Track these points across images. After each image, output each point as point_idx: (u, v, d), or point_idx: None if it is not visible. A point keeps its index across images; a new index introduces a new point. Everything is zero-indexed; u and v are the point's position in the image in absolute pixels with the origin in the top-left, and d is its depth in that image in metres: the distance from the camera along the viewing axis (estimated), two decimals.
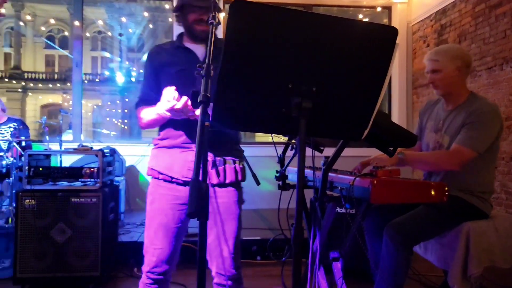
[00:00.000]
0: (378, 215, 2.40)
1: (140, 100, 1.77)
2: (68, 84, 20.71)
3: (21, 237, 2.88)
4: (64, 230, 2.91)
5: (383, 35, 1.12)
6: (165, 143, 1.70)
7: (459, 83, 2.30)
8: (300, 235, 1.08)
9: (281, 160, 1.96)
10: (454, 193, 2.13)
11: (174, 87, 1.46)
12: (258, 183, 1.82)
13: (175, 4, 1.76)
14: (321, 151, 1.82)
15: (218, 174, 1.63)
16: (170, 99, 1.44)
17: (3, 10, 1.67)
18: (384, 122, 1.61)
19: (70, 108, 5.37)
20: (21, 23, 20.12)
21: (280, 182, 1.94)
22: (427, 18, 5.30)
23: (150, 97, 1.63)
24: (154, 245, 1.67)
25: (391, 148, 1.73)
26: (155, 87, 1.70)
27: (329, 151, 1.71)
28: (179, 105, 1.43)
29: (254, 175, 1.83)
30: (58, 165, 4.50)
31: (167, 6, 5.79)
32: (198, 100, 1.10)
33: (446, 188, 1.74)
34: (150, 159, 1.74)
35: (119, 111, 18.01)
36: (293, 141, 1.90)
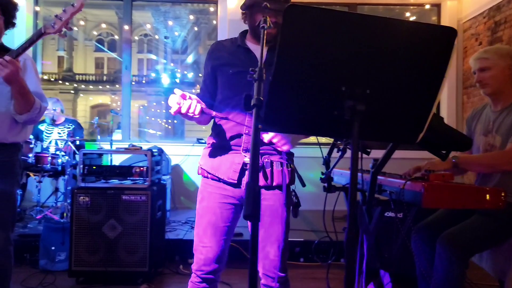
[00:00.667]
0: (427, 224, 2.33)
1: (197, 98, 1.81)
2: (117, 86, 21.57)
3: (76, 232, 3.03)
4: (115, 226, 3.04)
5: (441, 37, 1.09)
6: (215, 144, 1.73)
7: (509, 82, 2.20)
8: (353, 239, 1.07)
9: (326, 161, 1.94)
10: (511, 199, 2.03)
11: (180, 91, 1.48)
12: (303, 184, 1.82)
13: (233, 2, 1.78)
14: (368, 153, 1.79)
15: (265, 177, 1.64)
16: (174, 104, 1.46)
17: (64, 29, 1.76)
18: (438, 125, 1.57)
19: (118, 109, 5.60)
20: (75, 28, 21.18)
21: (326, 184, 1.92)
22: (480, 15, 5.07)
23: (203, 99, 1.67)
24: (203, 243, 1.69)
25: (444, 152, 1.67)
26: (212, 86, 1.74)
27: (375, 153, 1.68)
28: (183, 109, 1.45)
29: (299, 177, 1.83)
30: (109, 163, 4.71)
31: (211, 9, 5.89)
32: (251, 104, 1.11)
33: (502, 194, 1.66)
34: (201, 158, 1.78)
35: (164, 111, 18.53)
36: (339, 142, 1.88)
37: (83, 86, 23.40)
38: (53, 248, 3.33)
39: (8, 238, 2.07)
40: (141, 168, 3.19)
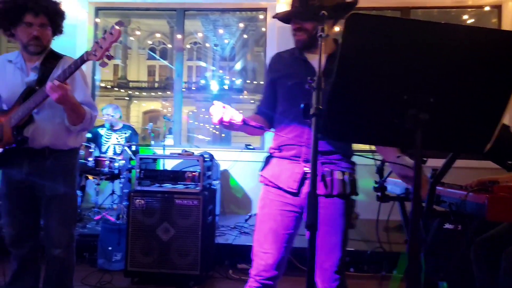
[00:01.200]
0: (490, 238, 2.21)
1: (256, 108, 1.87)
2: (168, 92, 22.33)
3: (131, 234, 3.17)
4: (168, 229, 3.14)
5: (510, 42, 1.04)
6: (276, 153, 1.76)
7: None
8: (415, 252, 1.04)
9: (379, 169, 1.90)
10: None
11: (220, 103, 1.52)
12: (356, 193, 1.79)
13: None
14: (424, 162, 1.74)
15: (325, 186, 1.63)
16: (216, 114, 1.51)
17: (106, 60, 1.84)
18: (503, 133, 1.49)
19: (169, 115, 5.78)
20: (132, 38, 22.20)
21: (379, 193, 1.87)
22: None
23: (260, 110, 1.71)
24: (263, 249, 1.70)
25: (510, 162, 1.59)
26: (272, 97, 1.79)
27: (431, 162, 1.62)
28: (226, 117, 1.50)
29: None
30: (161, 167, 4.87)
31: (261, 16, 5.96)
32: (311, 113, 1.12)
33: None
34: (262, 166, 1.82)
35: (211, 116, 18.99)
36: None
37: (136, 93, 24.45)
38: (110, 248, 3.49)
39: (72, 235, 2.21)
40: (193, 173, 3.27)
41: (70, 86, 2.00)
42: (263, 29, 6.06)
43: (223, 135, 17.80)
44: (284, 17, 1.69)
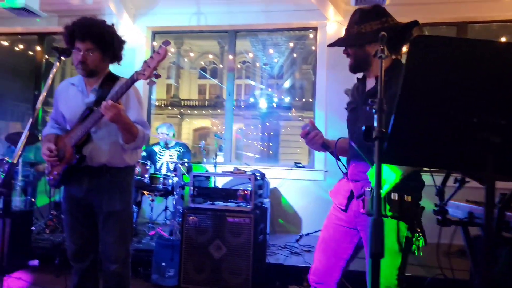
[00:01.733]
0: None
1: None
2: (218, 110, 22.83)
3: (185, 250, 3.23)
4: (220, 247, 3.17)
5: None
6: (342, 172, 1.93)
7: None
8: (488, 283, 0.98)
9: (440, 191, 1.81)
10: None
11: (312, 121, 1.91)
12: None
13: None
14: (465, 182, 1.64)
15: (364, 205, 1.62)
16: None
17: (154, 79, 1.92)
18: None
19: (218, 132, 5.89)
20: (185, 60, 23.10)
21: (440, 217, 1.78)
22: None
23: None
24: (316, 255, 1.90)
25: None
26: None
27: (499, 184, 1.52)
28: (310, 135, 1.88)
29: None
30: (213, 185, 4.96)
31: (311, 36, 5.99)
32: (373, 136, 1.10)
33: None
34: None
35: (260, 134, 19.07)
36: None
37: (188, 111, 25.25)
38: (163, 264, 3.57)
39: (128, 251, 2.28)
40: (245, 191, 3.30)
41: (124, 105, 2.09)
42: (313, 47, 6.08)
43: (271, 152, 17.87)
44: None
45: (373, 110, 1.18)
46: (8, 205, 1.47)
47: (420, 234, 1.72)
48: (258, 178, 3.52)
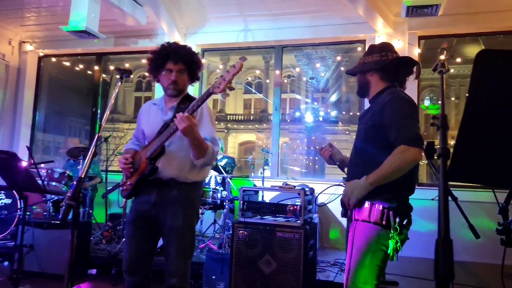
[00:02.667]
0: None
1: None
2: (264, 125, 23.00)
3: (235, 264, 3.25)
4: (270, 262, 3.16)
5: None
6: None
7: None
8: None
9: (503, 209, 1.71)
10: None
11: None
12: (477, 236, 1.63)
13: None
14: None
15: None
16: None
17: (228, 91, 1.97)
18: None
19: (264, 146, 5.92)
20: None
21: (504, 237, 1.68)
22: None
23: None
24: None
25: None
26: None
27: None
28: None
29: (471, 227, 1.65)
30: (261, 199, 4.98)
31: (359, 49, 5.93)
32: (437, 153, 1.07)
33: None
34: None
35: (305, 148, 18.96)
36: None
37: (234, 125, 25.67)
38: (213, 277, 3.61)
39: (188, 265, 2.31)
40: (295, 207, 3.29)
41: (198, 121, 2.19)
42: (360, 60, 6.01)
43: (316, 166, 17.68)
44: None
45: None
46: (77, 217, 1.55)
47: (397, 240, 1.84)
48: (308, 193, 3.49)
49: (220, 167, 5.08)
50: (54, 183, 4.89)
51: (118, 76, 2.11)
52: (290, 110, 22.76)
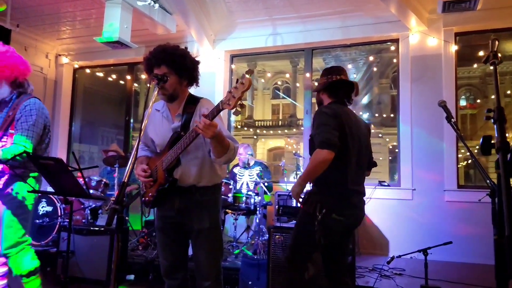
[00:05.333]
0: None
1: None
2: (294, 130, 22.87)
3: (272, 269, 3.21)
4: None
5: None
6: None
7: None
8: None
9: None
10: None
11: None
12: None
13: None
14: None
15: None
16: None
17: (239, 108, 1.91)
18: None
19: (294, 151, 5.84)
20: (262, 80, 23.68)
21: None
22: None
23: None
24: None
25: None
26: None
27: None
28: None
29: None
30: (295, 204, 4.92)
31: (392, 48, 5.78)
32: (496, 147, 1.00)
33: None
34: None
35: None
36: None
37: (263, 131, 25.70)
38: (250, 282, 3.57)
39: (219, 267, 2.31)
40: None
41: None
42: (394, 60, 5.86)
43: None
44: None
45: None
46: (121, 221, 1.56)
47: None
48: None
49: (253, 173, 5.06)
50: (92, 191, 5.00)
51: (152, 83, 2.13)
52: None
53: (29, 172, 2.66)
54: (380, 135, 16.92)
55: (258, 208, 4.66)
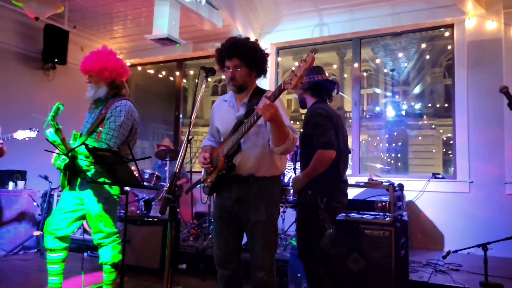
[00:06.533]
0: None
1: None
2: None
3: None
4: (358, 260, 3.04)
5: None
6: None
7: None
8: None
9: None
10: None
11: None
12: None
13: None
14: None
15: None
16: None
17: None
18: None
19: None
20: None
21: None
22: None
23: None
24: None
25: None
26: None
27: None
28: None
29: None
30: None
31: (446, 34, 5.49)
32: None
33: None
34: None
35: (387, 145, 18.12)
36: None
37: None
38: (299, 274, 3.56)
39: (273, 259, 2.32)
40: (383, 203, 3.12)
41: None
42: (449, 47, 5.57)
43: (399, 164, 16.83)
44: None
45: None
46: (174, 210, 1.61)
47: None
48: (397, 189, 3.31)
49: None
50: (145, 183, 5.21)
51: (202, 76, 2.17)
52: (368, 106, 21.95)
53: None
54: (433, 126, 16.17)
55: None
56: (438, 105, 16.10)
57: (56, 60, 6.21)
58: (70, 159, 2.69)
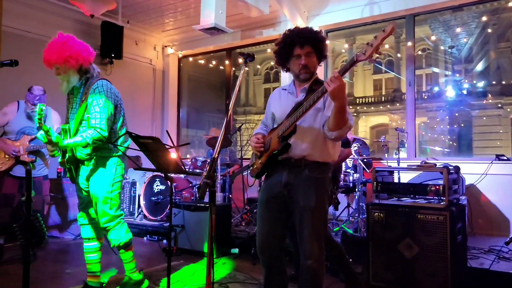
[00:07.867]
0: None
1: None
2: (397, 104, 21.56)
3: (372, 247, 3.11)
4: (411, 246, 2.94)
5: None
6: None
7: None
8: None
9: None
10: None
11: None
12: None
13: None
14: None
15: None
16: None
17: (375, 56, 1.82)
18: None
19: (398, 127, 5.49)
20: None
21: None
22: None
23: None
24: None
25: None
26: None
27: None
28: None
29: None
30: (396, 181, 4.68)
31: (510, 4, 5.06)
32: None
33: None
34: None
35: (447, 127, 17.17)
36: None
37: (364, 108, 24.73)
38: (350, 260, 3.52)
39: (322, 247, 2.25)
40: (437, 187, 2.99)
41: (328, 102, 2.16)
42: None
43: (461, 146, 15.89)
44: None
45: None
46: (213, 194, 1.65)
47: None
48: (452, 172, 3.14)
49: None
50: (198, 171, 5.37)
51: (241, 61, 2.18)
52: (427, 87, 20.82)
53: (112, 152, 2.87)
54: (499, 105, 15.04)
55: (357, 186, 4.54)
56: (504, 82, 14.87)
57: (113, 55, 6.54)
58: (70, 152, 2.80)
